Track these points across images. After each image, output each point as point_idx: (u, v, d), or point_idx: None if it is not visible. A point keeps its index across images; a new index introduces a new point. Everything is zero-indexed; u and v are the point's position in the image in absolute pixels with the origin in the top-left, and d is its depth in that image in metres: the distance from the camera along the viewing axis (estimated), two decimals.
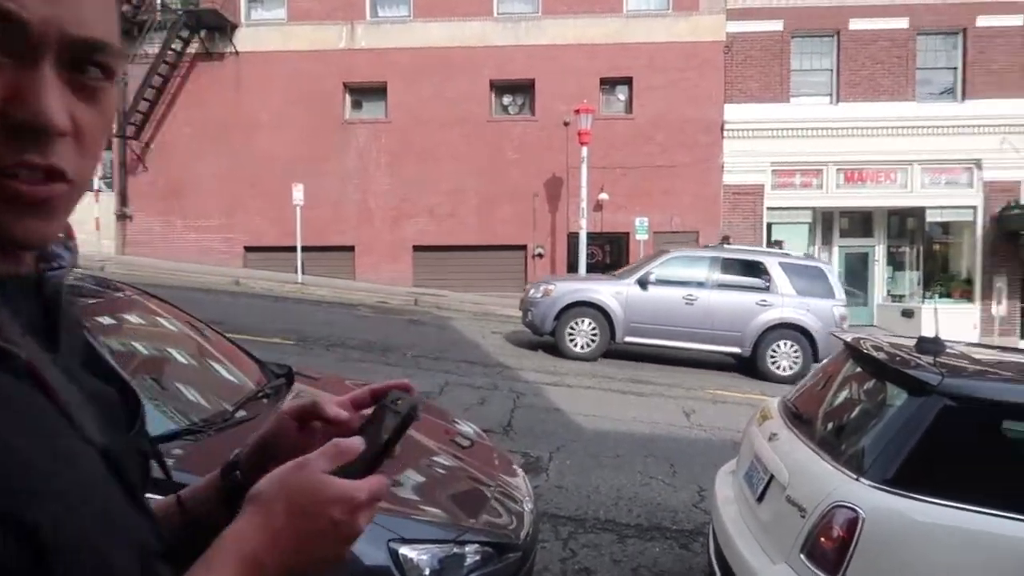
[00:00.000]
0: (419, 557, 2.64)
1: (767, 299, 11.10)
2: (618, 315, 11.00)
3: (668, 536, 4.72)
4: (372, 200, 19.54)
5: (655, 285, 11.14)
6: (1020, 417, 2.91)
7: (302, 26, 19.69)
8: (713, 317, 11.00)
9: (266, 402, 3.43)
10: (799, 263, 11.54)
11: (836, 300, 11.20)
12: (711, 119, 18.90)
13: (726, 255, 11.63)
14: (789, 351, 11.04)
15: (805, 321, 10.98)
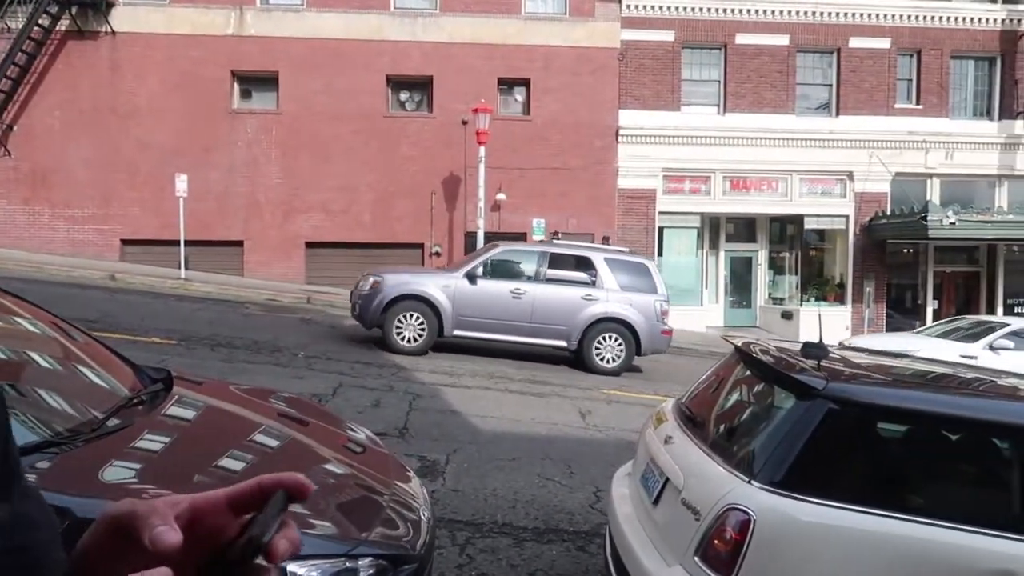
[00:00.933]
0: (308, 573, 2.50)
1: (592, 294, 11.33)
2: (446, 309, 10.94)
3: (565, 538, 4.74)
4: (262, 194, 18.83)
5: (483, 279, 11.19)
6: (895, 419, 3.06)
7: (186, 8, 18.72)
8: (540, 311, 11.15)
9: (141, 409, 3.19)
10: (624, 259, 11.89)
11: (659, 295, 11.53)
12: (606, 124, 19.32)
13: (554, 250, 11.77)
14: (613, 344, 11.29)
15: (628, 315, 11.29)
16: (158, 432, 3.04)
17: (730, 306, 20.88)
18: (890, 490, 2.89)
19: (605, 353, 11.28)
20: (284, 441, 3.40)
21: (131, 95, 18.54)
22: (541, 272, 11.39)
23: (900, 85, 20.10)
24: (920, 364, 4.01)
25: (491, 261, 11.50)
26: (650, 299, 11.43)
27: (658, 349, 11.76)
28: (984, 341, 12.00)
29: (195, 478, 2.76)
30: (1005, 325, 12.56)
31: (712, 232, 20.74)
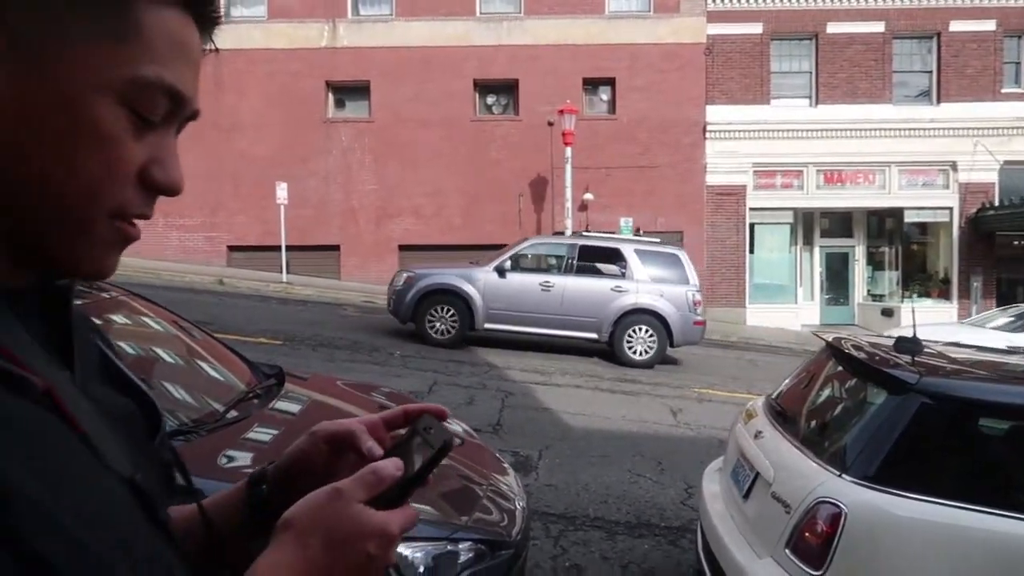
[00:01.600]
0: (414, 555, 2.69)
1: (622, 285, 11.28)
2: (477, 302, 11.09)
3: (656, 533, 4.82)
4: (356, 199, 19.53)
5: (513, 272, 11.30)
6: (993, 415, 3.02)
7: (282, 24, 19.62)
8: (569, 303, 11.17)
9: (256, 402, 3.45)
10: (655, 250, 11.79)
11: (690, 286, 11.40)
12: (693, 120, 19.09)
13: (583, 242, 11.81)
14: (644, 336, 11.23)
15: (659, 306, 11.19)
16: (269, 425, 3.31)
17: (826, 304, 20.24)
18: (987, 486, 2.86)
19: (636, 345, 11.26)
20: None
21: (234, 109, 19.57)
22: (570, 264, 11.47)
23: (1007, 68, 19.02)
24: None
25: (520, 254, 11.69)
26: (682, 290, 11.35)
27: (691, 340, 11.64)
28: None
29: None
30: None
31: (806, 228, 20.17)
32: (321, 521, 0.63)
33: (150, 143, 0.60)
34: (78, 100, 0.55)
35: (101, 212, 0.58)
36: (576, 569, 4.19)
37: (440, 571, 2.75)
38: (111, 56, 0.55)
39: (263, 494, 0.78)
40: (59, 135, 0.55)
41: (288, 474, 0.78)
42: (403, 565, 2.67)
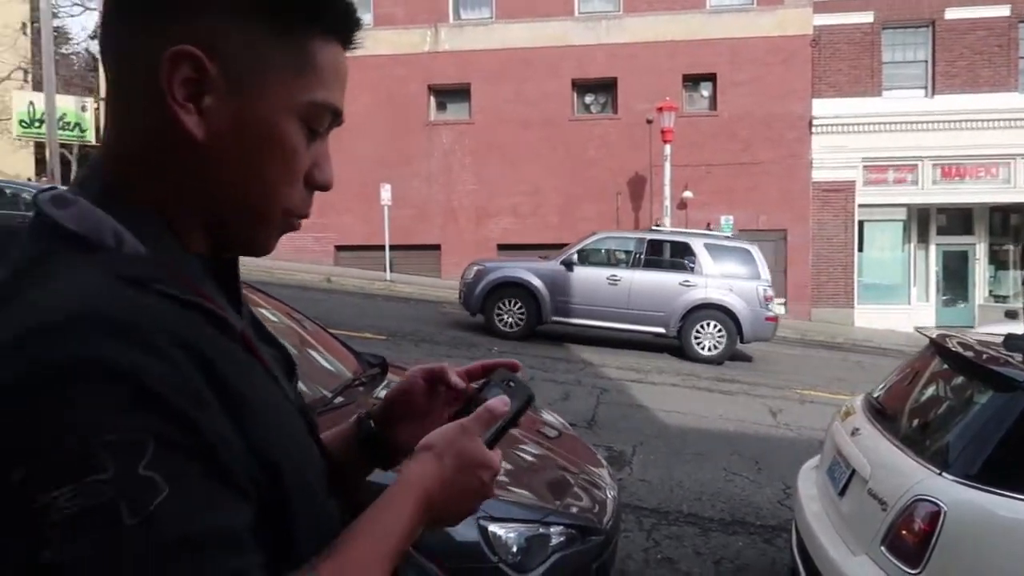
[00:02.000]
0: (507, 535, 2.81)
1: (691, 280, 11.19)
2: (544, 295, 11.20)
3: (752, 531, 4.78)
4: (456, 200, 19.97)
5: (580, 266, 11.37)
6: None
7: (387, 31, 20.28)
8: (636, 297, 11.14)
9: (362, 390, 3.66)
10: (725, 244, 11.61)
11: (761, 281, 11.18)
12: (798, 114, 18.49)
13: (651, 236, 11.82)
14: (713, 332, 11.08)
15: (728, 301, 11.01)
16: None
17: (943, 305, 19.18)
18: None
19: (705, 340, 11.12)
20: None
21: (344, 114, 20.36)
22: (638, 259, 11.47)
23: None
24: None
25: (588, 248, 11.77)
26: (752, 285, 11.12)
27: (762, 336, 11.37)
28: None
29: None
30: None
31: (920, 225, 19.17)
32: (453, 446, 0.78)
33: (313, 150, 0.75)
34: (271, 119, 0.70)
35: (277, 208, 0.74)
36: (668, 562, 4.22)
37: (532, 552, 2.86)
38: (295, 85, 0.71)
39: (370, 428, 0.93)
40: (255, 147, 0.70)
41: (391, 410, 0.94)
42: (496, 545, 2.81)
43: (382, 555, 0.70)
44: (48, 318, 0.56)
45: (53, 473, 0.52)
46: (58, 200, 0.67)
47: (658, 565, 4.18)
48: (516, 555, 2.81)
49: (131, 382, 0.55)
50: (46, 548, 0.51)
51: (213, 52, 0.66)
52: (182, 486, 0.55)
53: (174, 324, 0.60)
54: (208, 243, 0.73)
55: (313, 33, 0.72)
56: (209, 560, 0.55)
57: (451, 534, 2.73)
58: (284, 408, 0.73)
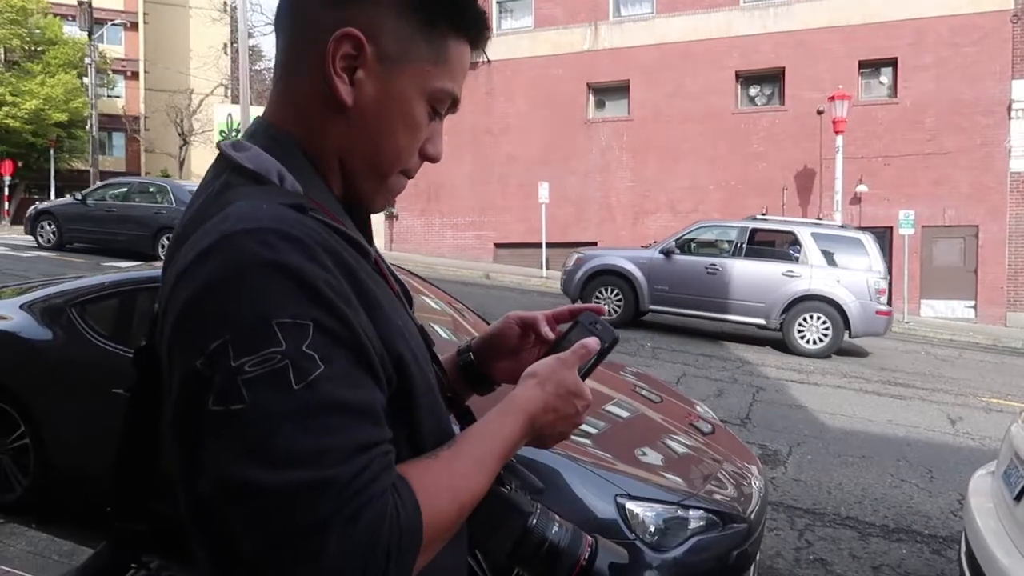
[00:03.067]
0: (645, 514, 2.81)
1: (795, 270, 10.71)
2: (641, 283, 11.11)
3: (918, 540, 4.44)
4: (614, 197, 19.90)
5: (679, 254, 11.21)
6: None
7: (547, 31, 20.56)
8: (735, 287, 10.82)
9: None
10: (834, 233, 10.90)
11: (872, 272, 10.47)
12: (994, 98, 16.79)
13: (754, 225, 11.40)
14: (818, 324, 10.53)
15: (834, 293, 10.45)
16: None
17: None
18: None
19: (808, 333, 10.54)
20: (634, 414, 3.79)
21: (502, 115, 20.93)
22: (739, 247, 11.05)
23: None
24: None
25: (688, 237, 11.62)
26: (862, 276, 10.40)
27: (873, 331, 10.61)
28: None
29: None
30: None
31: None
32: (554, 375, 0.89)
33: (431, 127, 0.88)
34: (407, 97, 0.84)
35: (397, 168, 0.88)
36: (821, 563, 4.02)
37: (670, 533, 2.85)
38: (431, 73, 0.85)
39: (469, 358, 1.07)
40: (390, 117, 0.84)
41: (487, 345, 1.06)
42: (634, 523, 2.82)
43: (491, 453, 0.81)
44: (240, 227, 0.70)
45: (244, 343, 0.66)
46: (237, 146, 0.84)
47: (809, 565, 3.99)
48: (653, 534, 2.81)
49: (299, 279, 0.68)
50: (235, 400, 0.65)
51: (371, 36, 0.81)
52: (334, 365, 0.67)
53: (327, 240, 0.73)
54: (341, 190, 0.88)
55: (451, 33, 0.85)
56: (352, 422, 0.68)
57: (591, 510, 2.79)
58: (406, 319, 0.85)
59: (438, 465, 0.77)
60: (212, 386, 0.65)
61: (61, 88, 32.69)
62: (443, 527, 0.75)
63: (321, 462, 0.65)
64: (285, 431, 0.64)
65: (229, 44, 38.22)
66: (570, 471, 2.85)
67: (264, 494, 0.64)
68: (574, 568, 0.88)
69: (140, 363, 0.87)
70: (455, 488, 0.76)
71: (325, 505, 0.64)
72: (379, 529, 0.66)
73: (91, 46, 28.01)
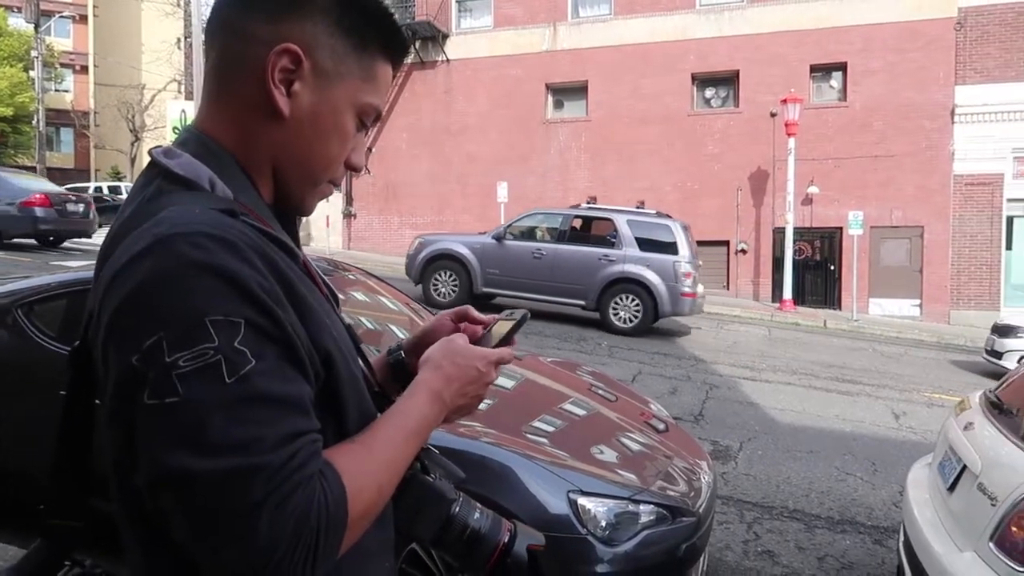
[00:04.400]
0: (596, 509, 2.88)
1: (611, 254, 11.46)
2: (475, 267, 11.83)
3: (861, 531, 4.60)
4: (573, 197, 19.97)
5: (510, 240, 11.95)
6: None
7: (507, 31, 20.61)
8: (558, 271, 11.58)
9: None
10: (647, 220, 11.68)
11: (679, 256, 11.27)
12: (938, 103, 17.31)
13: (577, 213, 12.29)
14: (630, 304, 11.30)
15: (644, 276, 11.19)
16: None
17: None
18: None
19: (622, 313, 11.26)
20: (590, 412, 3.85)
21: (461, 114, 20.92)
22: (563, 234, 11.95)
23: None
24: None
25: (519, 223, 12.48)
26: (670, 260, 11.15)
27: (679, 311, 11.41)
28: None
29: (522, 428, 3.31)
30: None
31: None
32: (447, 352, 0.97)
33: (356, 139, 0.95)
34: (342, 111, 0.90)
35: (326, 177, 0.94)
36: (768, 555, 4.13)
37: (621, 527, 2.91)
38: (361, 89, 0.91)
39: (399, 356, 1.14)
40: (323, 128, 0.89)
41: (420, 343, 1.12)
42: (586, 519, 2.88)
43: (403, 432, 0.87)
44: (174, 231, 0.73)
45: (178, 339, 0.69)
46: (168, 153, 0.87)
47: (757, 557, 4.10)
48: (605, 529, 2.87)
49: (231, 280, 0.72)
50: (170, 393, 0.68)
51: (308, 51, 0.86)
52: (264, 360, 0.72)
53: (257, 243, 0.78)
54: (272, 196, 0.92)
55: (379, 54, 0.93)
56: (282, 413, 0.72)
57: (544, 505, 2.84)
58: (334, 318, 0.91)
59: (357, 449, 0.82)
60: (147, 381, 0.69)
61: (6, 82, 31.78)
62: (366, 506, 0.80)
63: (253, 450, 0.69)
64: (218, 421, 0.68)
65: (182, 39, 37.39)
66: (524, 468, 2.90)
67: (198, 480, 0.68)
68: (494, 551, 0.94)
69: (75, 363, 0.91)
70: (374, 469, 0.82)
71: (256, 490, 0.68)
72: (308, 511, 0.70)
73: (38, 39, 27.26)
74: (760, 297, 18.40)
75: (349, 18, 0.89)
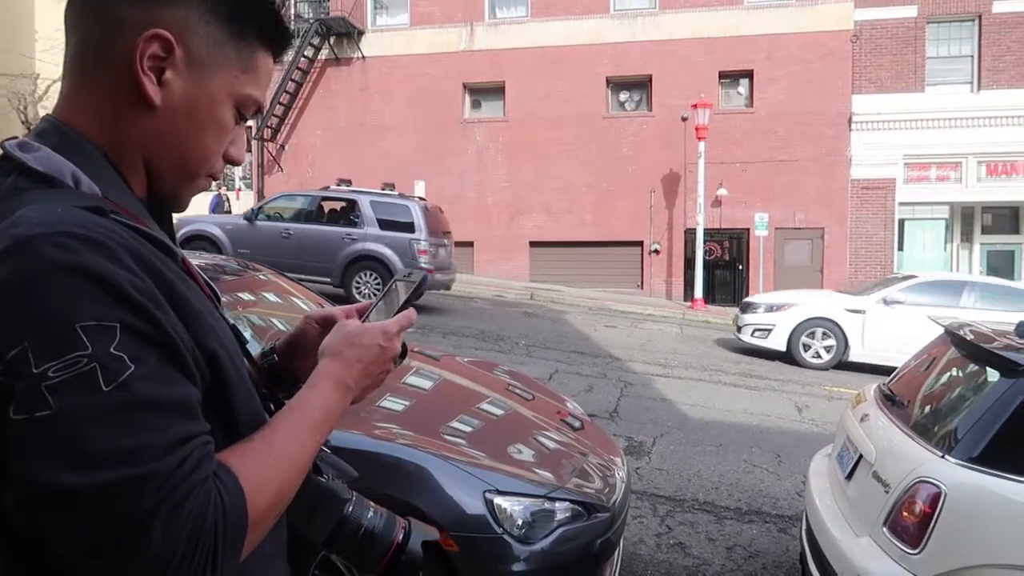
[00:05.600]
0: (512, 508, 2.90)
1: (353, 233, 12.04)
2: (226, 246, 12.21)
3: (767, 520, 4.78)
4: (490, 196, 20.08)
5: (262, 221, 12.42)
6: None
7: (424, 30, 20.48)
8: (305, 250, 12.05)
9: None
10: (388, 201, 12.31)
11: (415, 235, 11.86)
12: (837, 111, 18.21)
13: (323, 194, 12.88)
14: (370, 280, 11.89)
15: (382, 253, 11.80)
16: (400, 396, 3.63)
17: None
18: None
19: (364, 288, 11.83)
20: (507, 411, 3.87)
21: (378, 112, 20.66)
22: (310, 214, 12.54)
23: None
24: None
25: (271, 204, 13.06)
26: (406, 238, 11.82)
27: None
28: (878, 294, 10.89)
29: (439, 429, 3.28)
30: (912, 278, 11.42)
31: (964, 223, 18.74)
32: (343, 337, 0.96)
33: (235, 131, 0.92)
34: (219, 101, 0.86)
35: (204, 170, 0.90)
36: (680, 547, 4.25)
37: (537, 525, 2.93)
38: (240, 79, 0.88)
39: (273, 360, 1.13)
40: (199, 120, 0.85)
41: (290, 348, 1.12)
42: (502, 517, 2.89)
43: (306, 424, 0.85)
44: (35, 231, 0.68)
45: (46, 349, 0.65)
46: (24, 146, 0.80)
47: (670, 549, 4.21)
48: (521, 527, 2.89)
49: (102, 282, 0.68)
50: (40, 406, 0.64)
51: (181, 38, 0.82)
52: (145, 364, 0.68)
53: (129, 242, 0.73)
54: (145, 191, 0.88)
55: (259, 44, 0.89)
56: (168, 418, 0.69)
57: (460, 507, 2.84)
58: (217, 317, 0.87)
59: (255, 447, 0.80)
60: (13, 394, 0.65)
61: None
62: (268, 505, 0.77)
63: (140, 458, 0.66)
64: (97, 432, 0.65)
65: None
66: (440, 469, 2.89)
67: (80, 497, 0.64)
68: (388, 550, 0.94)
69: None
70: (274, 466, 0.79)
71: (146, 499, 0.65)
72: (203, 515, 0.68)
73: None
74: (673, 296, 18.91)
75: (225, 5, 0.85)
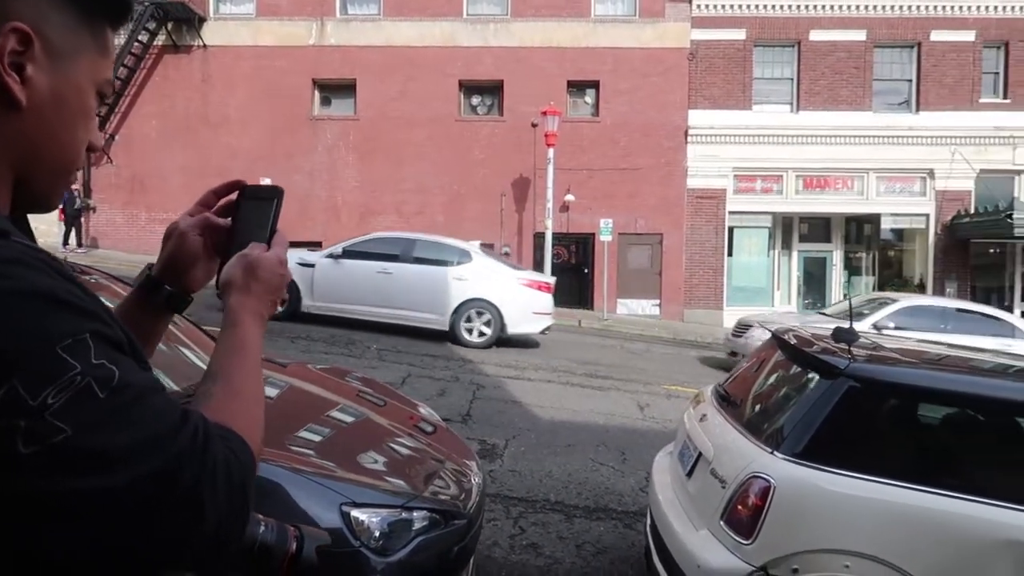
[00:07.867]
0: (370, 520, 2.85)
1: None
2: None
3: (613, 517, 5.00)
4: (340, 196, 19.63)
5: None
6: (912, 397, 3.23)
7: (271, 21, 19.69)
8: None
9: None
10: None
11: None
12: (675, 124, 19.33)
13: None
14: None
15: None
16: None
17: (804, 307, 20.54)
18: (908, 462, 3.05)
19: None
20: (359, 418, 3.79)
21: (221, 105, 19.63)
22: None
23: (986, 79, 19.36)
24: (954, 350, 4.11)
25: None
26: None
27: None
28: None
29: (285, 440, 3.16)
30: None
31: (784, 232, 20.47)
32: (246, 268, 0.99)
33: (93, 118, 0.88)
34: (84, 90, 0.83)
35: (77, 165, 0.87)
36: (533, 547, 4.36)
37: (395, 536, 2.91)
38: (98, 64, 0.84)
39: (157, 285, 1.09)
40: (69, 113, 0.82)
41: (173, 266, 1.09)
42: (359, 529, 2.84)
43: (253, 360, 0.92)
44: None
45: (38, 379, 0.65)
46: None
47: (523, 550, 4.31)
48: (379, 539, 2.85)
49: (55, 299, 0.68)
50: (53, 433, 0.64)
51: (38, 30, 0.76)
52: (120, 363, 0.70)
53: (43, 258, 0.73)
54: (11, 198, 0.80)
55: (107, 23, 0.85)
56: (159, 401, 0.73)
57: (315, 520, 2.75)
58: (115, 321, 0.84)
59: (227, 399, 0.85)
60: (17, 431, 0.64)
61: None
62: (259, 443, 0.86)
63: (160, 443, 0.70)
64: (116, 434, 0.67)
65: None
66: (293, 483, 2.80)
67: (124, 494, 0.67)
68: (284, 561, 0.93)
69: None
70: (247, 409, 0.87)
71: (185, 474, 0.70)
72: (231, 472, 0.75)
73: None
74: None
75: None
